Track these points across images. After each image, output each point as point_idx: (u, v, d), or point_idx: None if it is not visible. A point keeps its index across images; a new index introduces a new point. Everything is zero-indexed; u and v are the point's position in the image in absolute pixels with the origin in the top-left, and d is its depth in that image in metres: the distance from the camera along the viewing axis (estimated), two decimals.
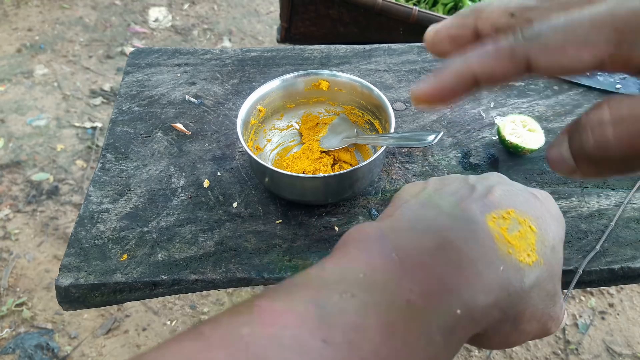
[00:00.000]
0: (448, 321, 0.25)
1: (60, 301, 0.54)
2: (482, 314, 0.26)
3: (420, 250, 0.27)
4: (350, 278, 0.25)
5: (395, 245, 0.27)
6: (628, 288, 1.42)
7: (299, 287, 0.24)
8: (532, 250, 0.29)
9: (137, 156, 0.66)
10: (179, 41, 2.25)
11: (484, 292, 0.26)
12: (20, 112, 1.88)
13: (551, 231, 0.31)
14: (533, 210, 0.31)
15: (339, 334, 0.21)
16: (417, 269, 0.26)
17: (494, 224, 0.29)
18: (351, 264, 0.26)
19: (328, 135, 0.67)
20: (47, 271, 1.43)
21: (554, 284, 0.31)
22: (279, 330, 0.21)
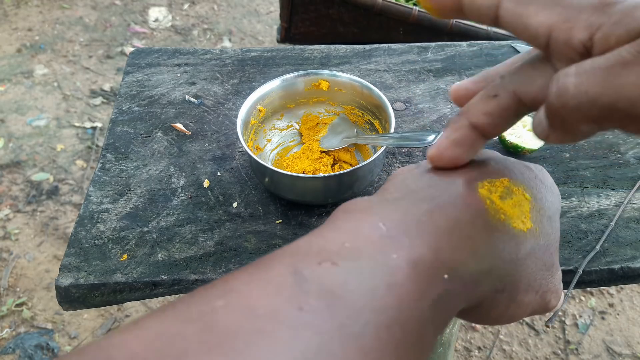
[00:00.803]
0: (437, 287, 0.24)
1: (60, 301, 0.54)
2: (474, 282, 0.26)
3: (408, 218, 0.26)
4: (333, 247, 0.24)
5: (384, 215, 0.26)
6: (628, 288, 1.42)
7: (278, 258, 0.23)
8: (527, 217, 0.29)
9: (137, 156, 0.66)
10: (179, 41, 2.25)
11: (474, 258, 0.26)
12: (20, 112, 1.88)
13: (547, 201, 0.31)
14: (527, 181, 0.31)
15: (315, 300, 0.21)
16: (402, 235, 0.25)
17: (486, 190, 0.28)
18: (334, 234, 0.25)
19: (328, 135, 0.67)
20: (47, 271, 1.43)
21: (551, 254, 0.30)
22: (254, 300, 0.20)
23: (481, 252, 0.26)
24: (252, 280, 0.22)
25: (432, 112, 0.72)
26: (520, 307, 0.29)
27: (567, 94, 0.22)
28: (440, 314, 0.24)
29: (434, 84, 0.76)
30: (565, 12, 0.23)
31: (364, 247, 0.24)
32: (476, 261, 0.26)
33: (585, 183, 0.63)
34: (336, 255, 0.23)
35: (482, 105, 0.28)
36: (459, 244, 0.26)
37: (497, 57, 0.81)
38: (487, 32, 1.15)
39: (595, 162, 0.65)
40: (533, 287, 0.29)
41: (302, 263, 0.23)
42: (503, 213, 0.28)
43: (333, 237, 0.25)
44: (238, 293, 0.21)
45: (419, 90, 0.75)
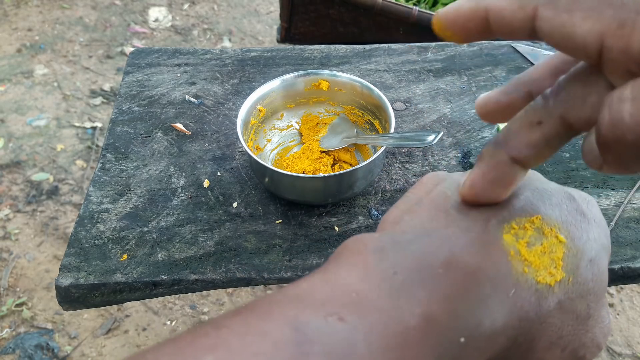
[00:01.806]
0: (450, 350, 0.21)
1: (60, 301, 0.54)
2: (488, 342, 0.23)
3: (424, 267, 0.23)
4: (340, 297, 0.21)
5: (396, 261, 0.23)
6: (628, 288, 1.42)
7: (278, 305, 0.21)
8: (557, 266, 0.25)
9: (137, 156, 0.66)
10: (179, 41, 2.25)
11: (490, 319, 0.23)
12: (20, 112, 1.88)
13: (588, 240, 0.26)
14: (566, 216, 0.26)
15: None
16: (418, 289, 0.22)
17: (511, 237, 0.25)
18: (343, 281, 0.22)
19: (328, 135, 0.67)
20: (47, 271, 1.43)
21: (587, 304, 0.25)
22: (247, 359, 0.18)
23: (497, 313, 0.23)
24: (248, 333, 0.19)
25: (432, 112, 0.72)
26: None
27: (623, 126, 0.18)
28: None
29: (434, 84, 0.76)
30: (620, 14, 0.19)
31: (375, 300, 0.21)
32: (491, 322, 0.23)
33: (585, 183, 0.63)
34: (343, 308, 0.21)
35: (525, 135, 0.23)
36: (476, 303, 0.23)
37: (497, 57, 0.81)
38: None
39: None
40: (558, 344, 0.25)
41: (305, 315, 0.20)
42: (528, 264, 0.24)
43: (340, 285, 0.22)
44: (230, 347, 0.18)
45: (419, 90, 0.75)
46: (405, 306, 0.21)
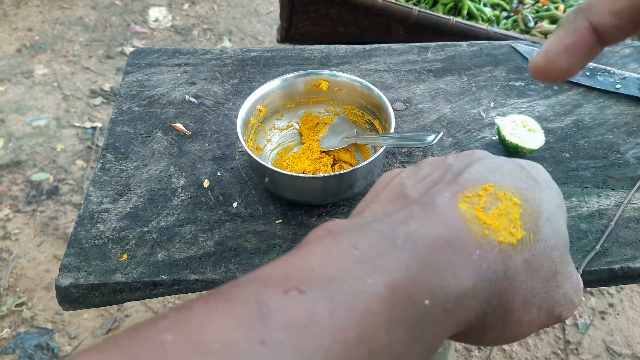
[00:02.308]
0: (416, 314, 0.22)
1: (60, 301, 0.54)
2: (457, 306, 0.23)
3: (383, 241, 0.23)
4: (300, 275, 0.21)
5: (357, 239, 0.24)
6: (628, 288, 1.42)
7: (241, 286, 0.21)
8: (516, 226, 0.25)
9: (137, 156, 0.66)
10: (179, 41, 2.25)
11: (455, 281, 0.23)
12: (20, 112, 1.88)
13: (544, 200, 0.27)
14: (517, 181, 0.27)
15: (281, 333, 0.18)
16: (378, 260, 0.22)
17: (467, 205, 0.25)
18: (303, 261, 0.23)
19: (328, 135, 0.67)
20: (47, 271, 1.43)
21: (553, 262, 0.26)
22: (208, 334, 0.18)
23: (463, 275, 0.23)
24: (209, 311, 0.19)
25: (432, 112, 0.72)
26: (521, 327, 0.26)
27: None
28: (421, 343, 0.22)
29: (434, 84, 0.76)
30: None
31: (335, 273, 0.22)
32: (457, 284, 0.23)
33: (585, 183, 0.63)
34: (304, 283, 0.21)
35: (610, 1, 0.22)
36: (438, 267, 0.23)
37: (497, 57, 0.81)
38: (487, 32, 1.15)
39: (595, 162, 0.65)
40: (533, 302, 0.26)
41: (266, 291, 0.20)
42: (487, 227, 0.25)
43: (301, 264, 0.22)
44: (191, 326, 0.19)
45: (419, 90, 0.75)
46: (366, 276, 0.21)
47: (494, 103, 0.73)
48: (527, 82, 0.77)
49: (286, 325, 0.19)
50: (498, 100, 0.74)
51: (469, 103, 0.73)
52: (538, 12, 1.36)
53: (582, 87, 0.76)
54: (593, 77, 0.77)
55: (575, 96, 0.75)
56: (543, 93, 0.75)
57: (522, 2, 1.40)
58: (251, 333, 0.18)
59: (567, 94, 0.75)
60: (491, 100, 0.74)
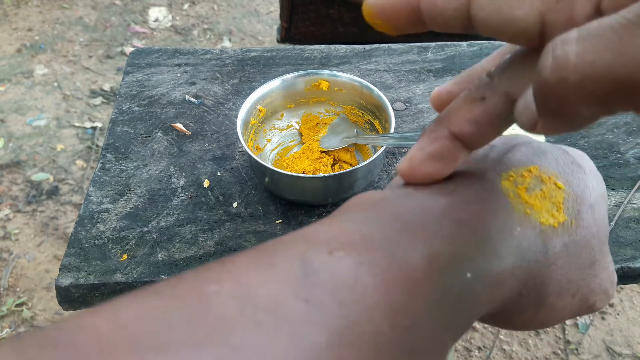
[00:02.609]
0: (457, 285, 0.21)
1: (60, 301, 0.54)
2: (496, 283, 0.23)
3: (426, 211, 0.23)
4: (344, 238, 0.21)
5: (398, 208, 0.23)
6: (628, 288, 1.42)
7: (284, 243, 0.21)
8: (559, 209, 0.25)
9: (137, 156, 0.66)
10: (179, 41, 2.25)
11: (497, 256, 0.23)
12: (20, 112, 1.88)
13: (588, 187, 0.26)
14: (562, 166, 0.26)
15: (325, 292, 0.18)
16: (421, 229, 0.22)
17: (510, 183, 0.25)
18: (346, 225, 0.22)
19: (328, 135, 0.67)
20: (47, 271, 1.43)
21: (592, 250, 0.26)
22: (253, 288, 0.18)
23: (504, 251, 0.23)
24: (253, 265, 0.19)
25: (432, 112, 0.72)
26: (554, 312, 0.26)
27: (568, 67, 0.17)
28: (459, 317, 0.22)
29: (434, 84, 0.76)
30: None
31: (380, 239, 0.21)
32: (498, 260, 0.23)
33: None
34: (349, 245, 0.20)
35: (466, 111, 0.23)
36: (480, 241, 0.23)
37: None
38: None
39: (595, 162, 0.65)
40: (568, 289, 0.25)
41: (312, 250, 0.20)
42: (529, 207, 0.25)
43: (345, 227, 0.22)
44: (236, 278, 0.18)
45: (419, 90, 0.75)
46: (409, 245, 0.21)
47: None
48: None
49: (330, 286, 0.18)
50: None
51: None
52: None
53: None
54: None
55: None
56: None
57: None
58: (297, 291, 0.18)
59: None
60: None
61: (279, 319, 0.17)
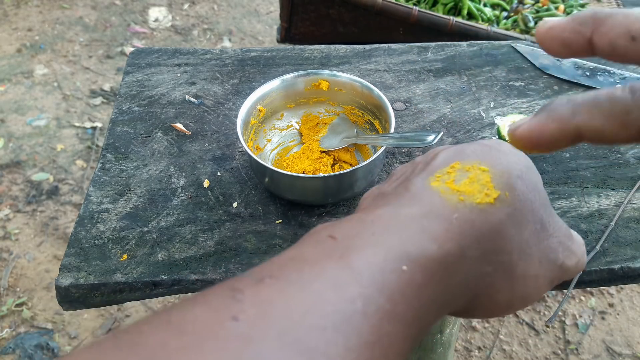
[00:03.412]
0: (394, 281, 0.22)
1: (60, 301, 0.54)
2: (446, 268, 0.24)
3: (357, 225, 0.25)
4: (275, 265, 0.23)
5: (333, 229, 0.25)
6: (628, 288, 1.42)
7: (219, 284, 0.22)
8: (489, 187, 0.27)
9: (137, 156, 0.66)
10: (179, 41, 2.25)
11: (436, 243, 0.24)
12: (20, 112, 1.88)
13: (510, 162, 0.28)
14: (482, 155, 0.28)
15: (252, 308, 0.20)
16: (351, 240, 0.24)
17: (438, 182, 0.27)
18: (279, 257, 0.25)
19: (328, 135, 0.67)
20: (47, 271, 1.43)
21: (536, 213, 0.27)
22: (183, 318, 0.19)
23: (443, 237, 0.24)
24: (186, 304, 0.20)
25: (432, 112, 0.72)
26: (528, 282, 0.27)
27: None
28: (409, 311, 0.22)
29: (434, 84, 0.76)
30: None
31: (309, 257, 0.23)
32: (438, 245, 0.24)
33: (585, 183, 0.63)
34: (278, 270, 0.22)
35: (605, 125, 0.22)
36: (414, 235, 0.24)
37: (497, 57, 0.81)
38: (487, 32, 1.15)
39: (595, 162, 0.65)
40: (531, 254, 0.27)
41: (241, 282, 0.21)
42: (461, 194, 0.26)
43: (276, 258, 0.24)
44: (167, 315, 0.19)
45: (419, 90, 0.75)
46: (337, 255, 0.23)
47: (494, 103, 0.73)
48: (527, 82, 0.77)
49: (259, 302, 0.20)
50: (498, 100, 0.74)
51: (469, 103, 0.73)
52: (538, 12, 1.36)
53: (582, 87, 0.76)
54: (593, 77, 0.77)
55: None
56: (543, 93, 0.75)
57: (522, 2, 1.40)
58: (224, 311, 0.19)
59: (567, 94, 0.75)
60: (491, 100, 0.74)
61: (206, 339, 0.18)
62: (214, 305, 0.20)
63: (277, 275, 0.21)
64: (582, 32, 0.24)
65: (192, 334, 0.18)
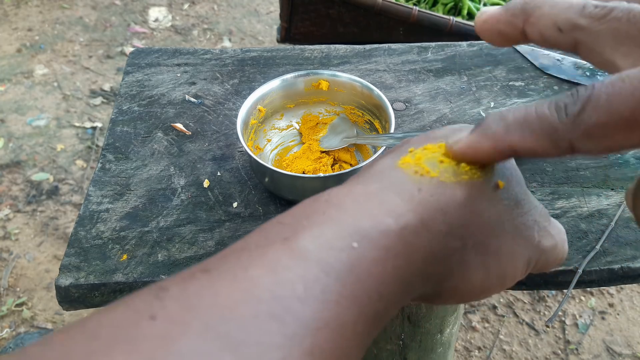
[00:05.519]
0: (343, 259, 0.21)
1: (60, 301, 0.54)
2: (404, 241, 0.22)
3: (306, 207, 0.25)
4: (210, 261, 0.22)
5: (283, 216, 0.26)
6: (628, 288, 1.42)
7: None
8: (458, 164, 0.26)
9: (137, 156, 0.66)
10: (179, 41, 2.25)
11: (392, 216, 0.23)
12: (20, 112, 1.88)
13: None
14: (452, 136, 0.27)
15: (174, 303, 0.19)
16: (298, 221, 0.23)
17: (405, 162, 0.27)
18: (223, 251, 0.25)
19: (328, 135, 0.67)
20: (47, 271, 1.43)
21: (509, 189, 0.27)
22: (95, 324, 0.18)
23: (400, 209, 0.23)
24: (107, 308, 0.19)
25: (432, 112, 0.72)
26: (502, 259, 0.26)
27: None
28: (361, 291, 0.21)
29: (434, 84, 0.76)
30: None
31: (251, 245, 0.22)
32: (395, 219, 0.23)
33: (585, 183, 0.63)
34: (214, 263, 0.21)
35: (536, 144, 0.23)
36: (369, 211, 0.23)
37: (497, 57, 0.81)
38: None
39: (595, 162, 0.65)
40: (504, 230, 0.26)
41: (170, 280, 0.20)
42: (425, 171, 0.26)
43: (220, 253, 0.23)
44: (85, 321, 0.18)
45: (419, 90, 0.75)
46: (282, 237, 0.22)
47: (494, 103, 0.73)
48: (527, 82, 0.77)
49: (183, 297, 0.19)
50: (498, 100, 0.74)
51: (469, 103, 0.73)
52: None
53: None
54: (593, 76, 0.77)
55: None
56: (543, 93, 0.75)
57: None
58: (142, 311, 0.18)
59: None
60: (491, 100, 0.74)
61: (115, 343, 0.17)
62: (133, 306, 0.19)
63: (212, 267, 0.20)
64: (514, 23, 0.25)
65: (103, 338, 0.17)
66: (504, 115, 0.23)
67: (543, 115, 0.21)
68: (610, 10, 0.22)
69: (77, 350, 0.17)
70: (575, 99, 0.21)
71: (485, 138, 0.24)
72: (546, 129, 0.21)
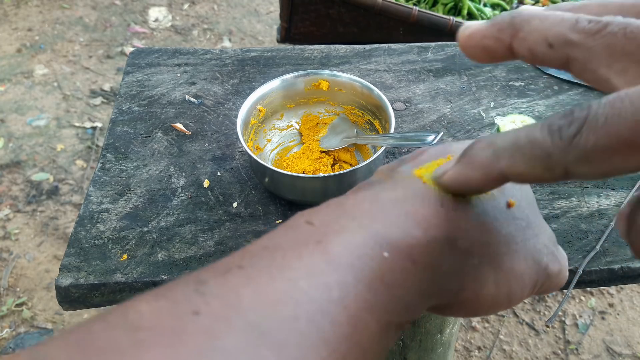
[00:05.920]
0: (371, 269, 0.21)
1: (60, 301, 0.54)
2: (430, 254, 0.22)
3: (334, 210, 0.24)
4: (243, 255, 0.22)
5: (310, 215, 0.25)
6: (628, 288, 1.42)
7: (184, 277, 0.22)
8: None
9: (137, 156, 0.66)
10: (179, 41, 2.25)
11: (420, 228, 0.23)
12: (20, 112, 1.88)
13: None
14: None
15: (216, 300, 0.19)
16: (327, 226, 0.23)
17: (423, 171, 0.26)
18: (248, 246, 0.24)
19: (328, 135, 0.67)
20: (47, 271, 1.43)
21: (523, 211, 0.27)
22: (138, 314, 0.18)
23: (428, 222, 0.23)
24: (145, 298, 0.19)
25: (432, 112, 0.72)
26: (512, 279, 0.26)
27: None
28: (389, 300, 0.21)
29: (434, 84, 0.76)
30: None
31: (283, 244, 0.22)
32: (423, 231, 0.23)
33: (585, 183, 0.63)
34: (248, 259, 0.21)
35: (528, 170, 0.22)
36: (396, 219, 0.23)
37: None
38: None
39: None
40: (517, 250, 0.26)
41: (207, 273, 0.20)
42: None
43: (248, 247, 0.22)
44: (123, 312, 0.18)
45: (419, 90, 0.75)
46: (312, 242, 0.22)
47: (494, 103, 0.73)
48: (527, 82, 0.77)
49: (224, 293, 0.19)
50: (498, 100, 0.74)
51: (469, 103, 0.73)
52: None
53: (582, 87, 0.76)
54: None
55: (576, 96, 0.75)
56: (543, 93, 0.75)
57: (522, 2, 1.40)
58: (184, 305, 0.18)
59: (567, 94, 0.75)
60: (491, 100, 0.74)
61: (161, 335, 0.17)
62: (174, 298, 0.18)
63: (247, 264, 0.20)
64: (501, 38, 0.24)
65: (148, 329, 0.17)
66: (492, 141, 0.22)
67: (534, 139, 0.20)
68: (605, 25, 0.21)
69: (123, 340, 0.17)
70: (570, 121, 0.19)
71: (472, 167, 0.23)
72: (538, 154, 0.20)
